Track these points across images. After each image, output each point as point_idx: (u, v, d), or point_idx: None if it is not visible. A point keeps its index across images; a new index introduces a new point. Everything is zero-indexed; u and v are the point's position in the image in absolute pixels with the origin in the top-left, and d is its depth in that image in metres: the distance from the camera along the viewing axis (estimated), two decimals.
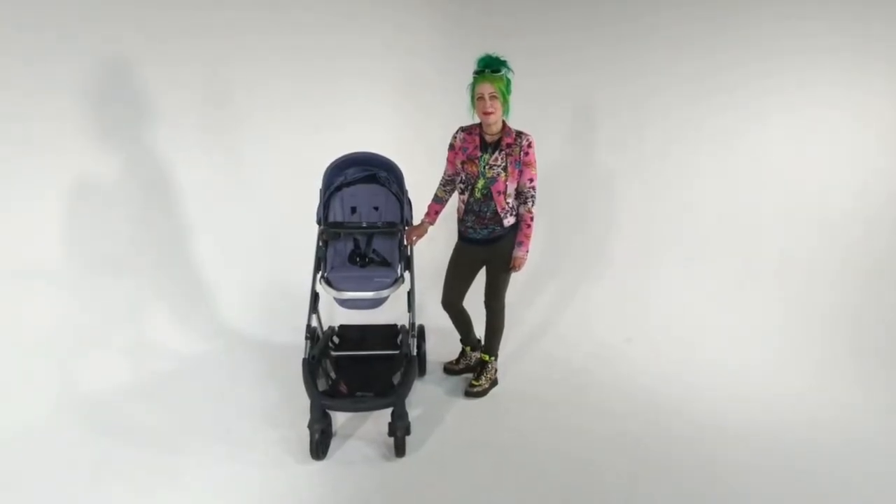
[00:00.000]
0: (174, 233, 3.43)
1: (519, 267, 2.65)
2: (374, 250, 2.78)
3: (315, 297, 2.56)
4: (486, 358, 2.92)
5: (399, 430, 2.28)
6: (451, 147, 2.68)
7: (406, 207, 2.72)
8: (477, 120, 2.56)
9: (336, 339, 3.00)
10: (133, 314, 3.16)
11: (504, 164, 2.53)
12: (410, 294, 2.65)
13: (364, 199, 2.81)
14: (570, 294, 3.98)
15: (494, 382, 2.95)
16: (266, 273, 3.69)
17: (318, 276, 2.57)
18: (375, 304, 2.48)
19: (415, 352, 2.49)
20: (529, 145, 2.53)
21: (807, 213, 3.62)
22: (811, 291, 3.59)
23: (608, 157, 4.03)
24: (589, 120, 4.06)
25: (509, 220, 2.62)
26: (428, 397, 2.85)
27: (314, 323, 2.69)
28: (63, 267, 2.97)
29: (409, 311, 2.61)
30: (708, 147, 3.76)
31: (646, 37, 3.80)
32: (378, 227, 2.64)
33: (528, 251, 2.63)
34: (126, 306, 3.14)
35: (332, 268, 2.66)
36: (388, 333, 3.03)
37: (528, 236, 2.61)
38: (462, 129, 2.64)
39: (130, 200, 3.23)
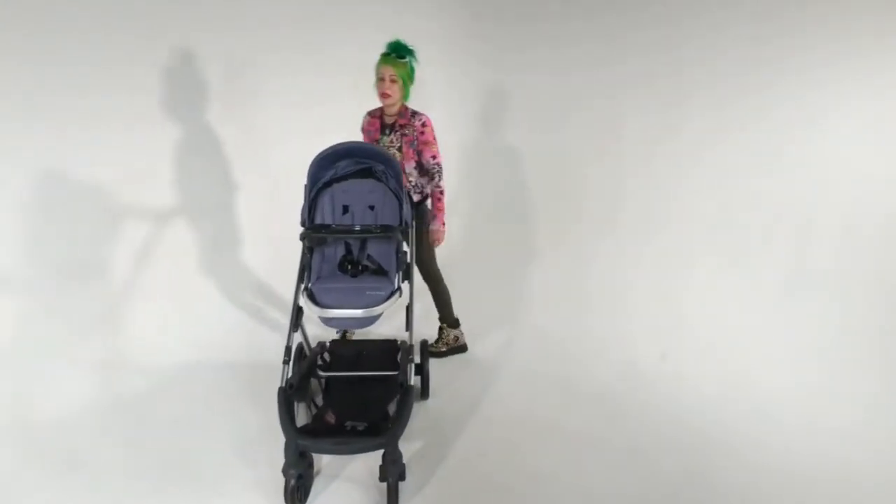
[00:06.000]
0: (150, 233, 3.08)
1: (437, 240, 2.75)
2: (368, 256, 2.39)
3: (298, 312, 2.18)
4: (443, 325, 3.01)
5: (391, 477, 1.91)
6: (362, 130, 2.76)
7: (405, 207, 2.33)
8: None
9: (326, 357, 2.63)
10: (102, 324, 2.82)
11: (399, 144, 2.63)
12: (409, 310, 2.27)
13: (358, 197, 2.42)
14: (595, 302, 3.55)
15: (461, 348, 3.06)
16: (256, 279, 3.33)
17: (302, 287, 2.20)
18: (366, 322, 2.11)
19: (412, 380, 2.10)
20: (424, 125, 2.62)
21: (869, 219, 3.18)
22: (870, 306, 3.14)
23: (641, 152, 3.64)
24: (621, 116, 3.72)
25: (416, 197, 2.73)
26: (430, 425, 2.46)
27: (300, 338, 2.34)
28: (23, 271, 2.65)
29: (408, 329, 2.22)
30: (756, 144, 3.34)
31: (681, 29, 3.42)
32: (372, 231, 2.25)
33: (443, 224, 2.72)
34: (94, 315, 2.82)
35: (318, 277, 2.28)
36: (386, 351, 2.63)
37: (440, 209, 2.70)
38: (368, 113, 2.74)
39: (100, 197, 2.89)
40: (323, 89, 3.54)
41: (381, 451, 1.92)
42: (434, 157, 2.67)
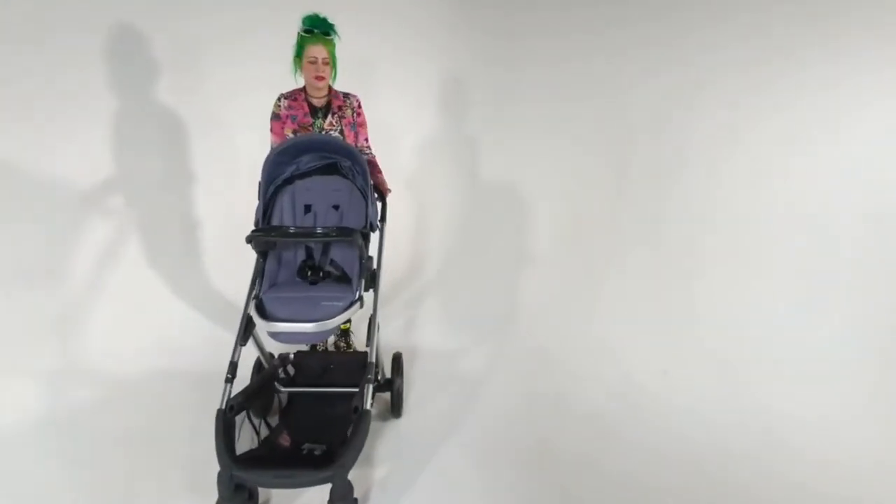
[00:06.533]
0: (106, 232, 2.89)
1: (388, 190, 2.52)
2: (331, 261, 2.16)
3: (248, 323, 1.96)
4: (345, 326, 2.75)
5: None
6: (276, 117, 2.39)
7: (371, 208, 2.10)
8: (299, 84, 2.39)
9: (290, 370, 2.40)
10: (53, 330, 2.64)
11: (339, 127, 2.41)
12: (371, 322, 2.03)
13: (321, 195, 2.20)
14: (594, 311, 3.28)
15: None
16: (223, 282, 3.13)
17: (252, 295, 1.98)
18: (318, 337, 1.88)
19: (369, 404, 1.86)
20: (360, 105, 2.46)
21: (892, 227, 2.87)
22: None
23: (648, 151, 3.37)
24: (626, 111, 3.45)
25: None
26: (399, 448, 2.22)
27: (252, 351, 2.12)
28: None
29: (368, 344, 1.99)
30: (769, 145, 3.06)
31: (690, 16, 3.15)
32: (328, 235, 1.99)
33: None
34: (44, 321, 2.63)
35: (271, 285, 2.05)
36: (358, 364, 2.40)
37: (381, 171, 2.51)
38: (284, 96, 2.38)
39: (52, 194, 2.71)
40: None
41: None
42: (367, 140, 2.53)
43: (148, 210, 2.98)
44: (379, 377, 2.31)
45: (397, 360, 2.43)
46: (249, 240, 1.90)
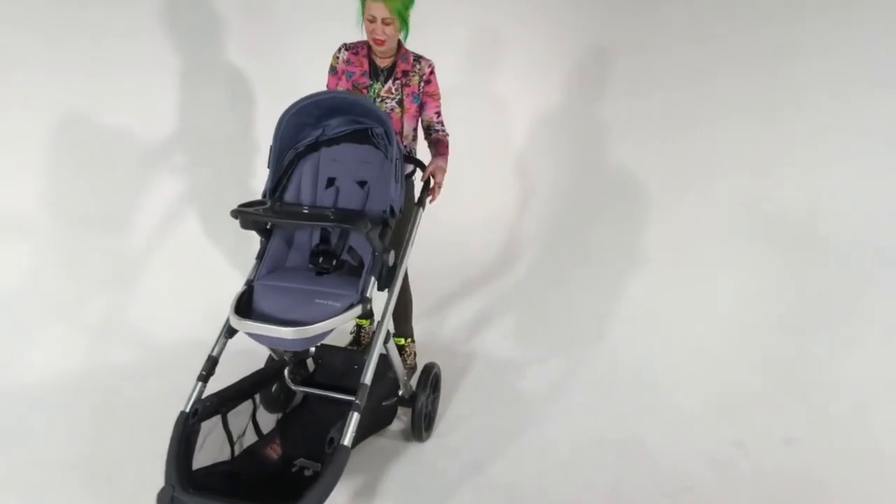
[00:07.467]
0: (185, 191, 2.83)
1: (439, 183, 2.00)
2: (350, 249, 1.79)
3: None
4: (402, 342, 2.36)
5: None
6: (333, 70, 2.03)
7: (396, 188, 1.67)
8: (365, 37, 1.95)
9: (311, 366, 2.10)
10: (112, 284, 2.61)
11: (399, 96, 2.00)
12: (377, 329, 1.63)
13: (348, 168, 1.83)
14: (703, 344, 2.57)
15: (412, 369, 2.33)
16: None
17: (245, 281, 1.69)
18: (300, 344, 1.52)
19: (348, 439, 1.46)
20: (432, 72, 2.05)
21: None
22: None
23: (803, 149, 2.55)
24: (776, 108, 2.65)
25: (407, 168, 2.06)
26: (413, 481, 1.83)
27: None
28: (40, 221, 2.52)
29: (366, 355, 1.59)
30: None
31: None
32: (323, 217, 1.64)
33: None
34: (106, 273, 2.61)
35: (270, 271, 1.73)
36: (386, 367, 2.02)
37: (448, 149, 2.09)
38: (346, 48, 2.01)
39: (134, 147, 2.67)
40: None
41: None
42: (439, 115, 2.11)
43: (209, 174, 2.87)
44: (401, 391, 1.93)
45: (427, 372, 2.02)
46: (235, 215, 1.57)
